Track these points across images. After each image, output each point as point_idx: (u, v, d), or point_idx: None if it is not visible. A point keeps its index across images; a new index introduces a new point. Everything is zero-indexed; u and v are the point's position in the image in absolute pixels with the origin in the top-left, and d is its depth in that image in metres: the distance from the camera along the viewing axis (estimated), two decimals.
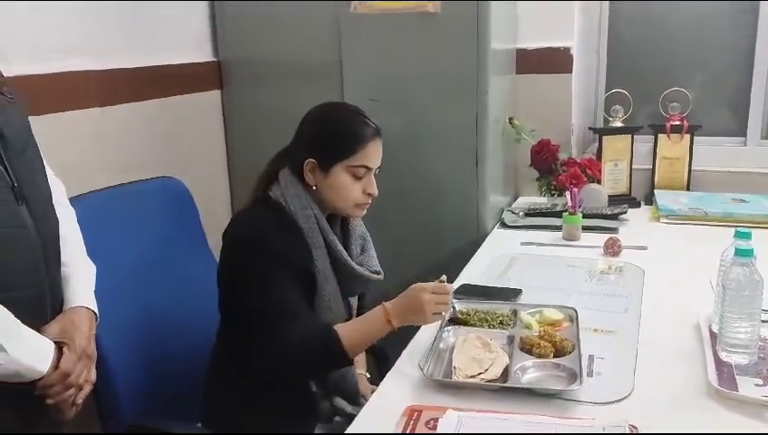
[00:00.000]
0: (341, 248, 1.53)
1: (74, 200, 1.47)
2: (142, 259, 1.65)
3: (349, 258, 1.54)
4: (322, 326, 1.41)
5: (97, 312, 1.29)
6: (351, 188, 1.49)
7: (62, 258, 1.27)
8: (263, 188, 1.54)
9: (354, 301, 1.65)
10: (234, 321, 1.51)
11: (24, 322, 1.11)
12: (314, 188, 1.50)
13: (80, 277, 1.29)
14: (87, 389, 1.22)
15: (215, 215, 2.07)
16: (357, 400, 1.59)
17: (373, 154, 1.50)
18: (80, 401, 1.21)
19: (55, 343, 1.17)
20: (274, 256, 1.42)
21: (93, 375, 1.24)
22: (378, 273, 1.61)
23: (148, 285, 1.64)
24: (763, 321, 1.33)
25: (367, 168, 1.49)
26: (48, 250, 1.20)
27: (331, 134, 1.50)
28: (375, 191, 1.52)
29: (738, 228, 1.35)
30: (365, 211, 1.55)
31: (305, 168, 1.49)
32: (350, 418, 1.36)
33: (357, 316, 1.62)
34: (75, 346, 1.18)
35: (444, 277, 1.41)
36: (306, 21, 2.26)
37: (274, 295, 1.40)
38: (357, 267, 1.55)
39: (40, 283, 1.17)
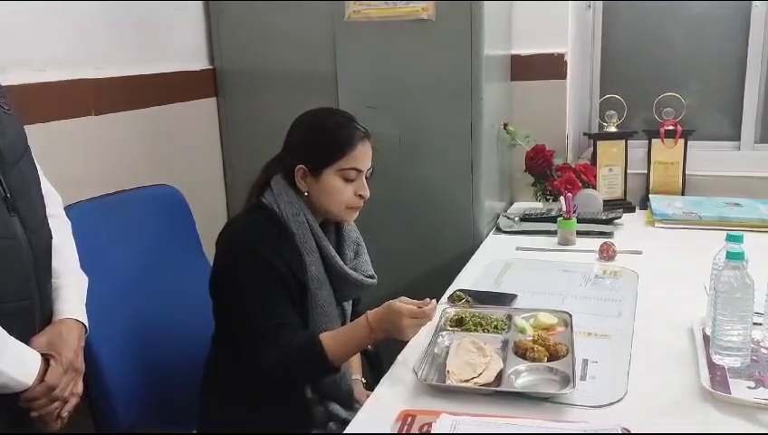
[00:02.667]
0: (335, 253, 1.54)
1: (69, 208, 1.48)
2: (138, 267, 1.66)
3: (342, 263, 1.55)
4: (307, 336, 1.42)
5: (87, 324, 1.28)
6: (343, 191, 1.50)
7: (54, 270, 1.26)
8: (255, 195, 1.55)
9: (348, 306, 1.66)
10: (228, 327, 1.52)
11: (12, 333, 1.11)
12: (306, 194, 1.51)
13: (70, 289, 1.28)
14: (73, 402, 1.21)
15: (211, 222, 2.07)
16: (351, 405, 1.59)
17: (363, 156, 1.51)
18: (65, 414, 1.20)
19: (42, 355, 1.16)
20: (266, 267, 1.43)
21: (80, 388, 1.24)
22: (372, 277, 1.61)
23: (143, 292, 1.65)
24: (755, 323, 1.34)
25: (357, 170, 1.50)
26: (39, 262, 1.19)
27: (320, 139, 1.51)
28: (367, 193, 1.53)
29: (729, 232, 1.35)
30: (356, 214, 1.56)
31: (296, 174, 1.50)
32: (344, 423, 1.36)
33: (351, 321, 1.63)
34: (62, 359, 1.18)
35: (428, 300, 1.41)
36: (301, 29, 2.27)
37: (264, 309, 1.41)
38: (351, 272, 1.56)
39: (30, 295, 1.17)
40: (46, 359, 1.16)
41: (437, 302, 1.68)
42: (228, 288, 1.47)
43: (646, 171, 2.55)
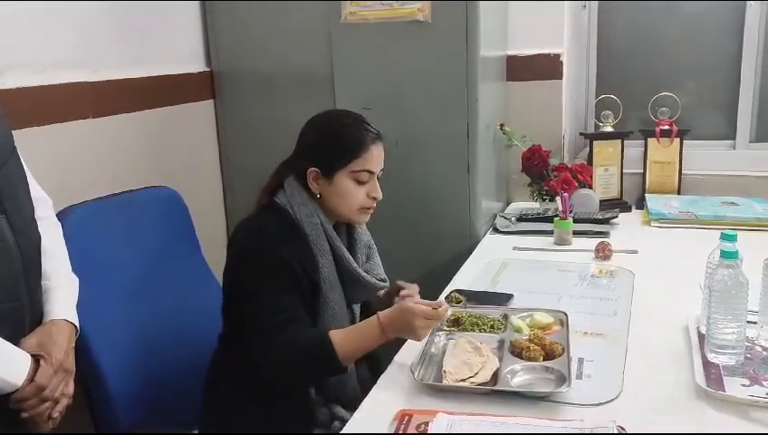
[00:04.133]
0: (348, 255, 1.54)
1: (67, 211, 1.49)
2: (136, 268, 1.66)
3: (356, 265, 1.56)
4: (317, 334, 1.41)
5: (77, 325, 1.28)
6: (355, 193, 1.51)
7: (45, 272, 1.27)
8: (268, 196, 1.55)
9: (357, 308, 1.66)
10: (237, 326, 1.51)
11: (1, 335, 1.11)
12: (319, 196, 1.52)
13: (61, 291, 1.28)
14: (64, 402, 1.22)
15: (208, 223, 2.08)
16: (356, 407, 1.59)
17: (375, 158, 1.52)
18: (56, 414, 1.20)
19: (32, 356, 1.17)
20: (279, 265, 1.43)
21: (71, 389, 1.24)
22: (384, 280, 1.62)
23: (142, 293, 1.65)
24: (750, 322, 1.34)
25: (370, 172, 1.51)
26: (28, 264, 1.20)
27: (332, 141, 1.52)
28: (379, 195, 1.54)
29: (724, 231, 1.36)
30: (368, 217, 1.56)
31: (309, 177, 1.51)
32: None
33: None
34: (52, 359, 1.18)
35: (441, 301, 1.43)
36: (298, 31, 2.28)
37: (276, 304, 1.41)
38: (363, 274, 1.56)
39: (18, 297, 1.17)
40: (36, 359, 1.17)
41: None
42: (241, 286, 1.46)
43: (642, 171, 2.56)
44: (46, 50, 1.77)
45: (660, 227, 2.28)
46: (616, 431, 1.11)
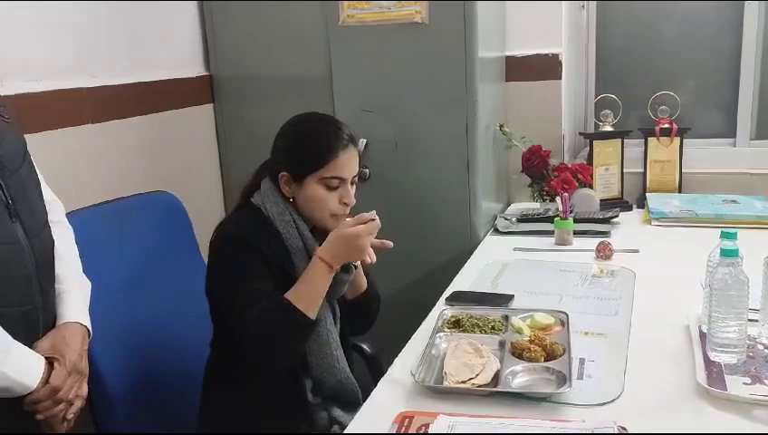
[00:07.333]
0: None
1: (68, 216, 1.49)
2: (136, 274, 1.67)
3: None
4: (274, 299, 1.41)
5: (90, 328, 1.29)
6: (327, 199, 1.50)
7: (57, 275, 1.28)
8: (246, 196, 1.57)
9: (336, 303, 1.64)
10: (225, 328, 1.52)
11: (15, 337, 1.12)
12: (291, 199, 1.52)
13: (74, 294, 1.30)
14: (78, 404, 1.23)
15: (208, 228, 2.06)
16: (356, 409, 1.59)
17: (346, 165, 1.49)
18: (70, 416, 1.22)
19: (46, 358, 1.18)
20: (252, 252, 1.44)
21: (84, 391, 1.25)
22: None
23: (142, 298, 1.66)
24: (751, 320, 1.34)
25: (340, 178, 1.49)
26: (42, 267, 1.21)
27: (302, 147, 1.52)
28: (352, 201, 1.52)
29: (724, 229, 1.36)
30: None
31: (280, 180, 1.51)
32: None
33: (341, 318, 1.62)
34: (66, 362, 1.19)
35: (373, 213, 1.45)
36: (296, 34, 2.28)
37: (246, 287, 1.41)
38: (339, 274, 1.55)
39: (32, 299, 1.18)
40: (50, 362, 1.18)
41: (435, 304, 1.70)
42: (222, 281, 1.47)
43: (642, 170, 2.56)
44: (44, 56, 1.77)
45: (661, 226, 2.28)
46: (617, 431, 1.11)
